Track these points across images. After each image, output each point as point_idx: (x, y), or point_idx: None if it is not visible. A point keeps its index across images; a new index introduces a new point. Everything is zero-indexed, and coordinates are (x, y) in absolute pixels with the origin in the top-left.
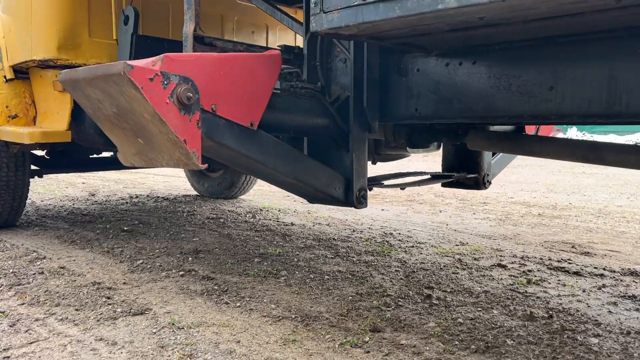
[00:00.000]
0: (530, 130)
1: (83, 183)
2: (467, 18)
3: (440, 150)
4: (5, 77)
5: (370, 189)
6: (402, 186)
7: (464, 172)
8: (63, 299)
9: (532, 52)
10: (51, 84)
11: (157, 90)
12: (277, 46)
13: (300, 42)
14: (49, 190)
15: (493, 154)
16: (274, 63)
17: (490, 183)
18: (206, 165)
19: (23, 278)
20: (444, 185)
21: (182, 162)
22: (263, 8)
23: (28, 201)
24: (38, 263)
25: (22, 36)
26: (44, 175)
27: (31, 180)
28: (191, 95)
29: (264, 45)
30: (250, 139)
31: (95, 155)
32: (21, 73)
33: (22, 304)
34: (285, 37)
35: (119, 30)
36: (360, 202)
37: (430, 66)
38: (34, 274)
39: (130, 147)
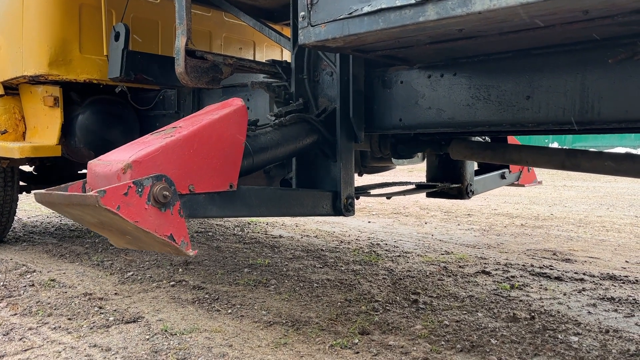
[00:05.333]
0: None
1: None
2: (447, 30)
3: (425, 165)
4: None
5: (358, 198)
6: (388, 195)
7: (447, 182)
8: (55, 309)
9: (510, 63)
10: (41, 99)
11: (134, 201)
12: (265, 60)
13: (286, 58)
14: (35, 207)
15: (477, 173)
16: (240, 116)
17: (472, 193)
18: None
19: (14, 290)
20: (428, 195)
21: (173, 253)
22: (251, 24)
23: (15, 218)
24: (28, 276)
25: (12, 53)
26: (31, 192)
27: (19, 195)
28: (167, 193)
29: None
30: (232, 201)
31: (84, 171)
32: (11, 89)
33: (15, 314)
34: (271, 53)
35: (110, 46)
36: (347, 209)
37: (413, 78)
38: (25, 286)
39: (121, 240)
